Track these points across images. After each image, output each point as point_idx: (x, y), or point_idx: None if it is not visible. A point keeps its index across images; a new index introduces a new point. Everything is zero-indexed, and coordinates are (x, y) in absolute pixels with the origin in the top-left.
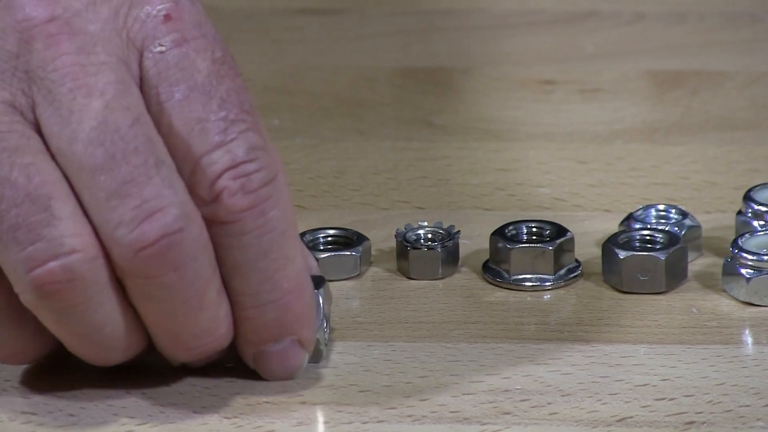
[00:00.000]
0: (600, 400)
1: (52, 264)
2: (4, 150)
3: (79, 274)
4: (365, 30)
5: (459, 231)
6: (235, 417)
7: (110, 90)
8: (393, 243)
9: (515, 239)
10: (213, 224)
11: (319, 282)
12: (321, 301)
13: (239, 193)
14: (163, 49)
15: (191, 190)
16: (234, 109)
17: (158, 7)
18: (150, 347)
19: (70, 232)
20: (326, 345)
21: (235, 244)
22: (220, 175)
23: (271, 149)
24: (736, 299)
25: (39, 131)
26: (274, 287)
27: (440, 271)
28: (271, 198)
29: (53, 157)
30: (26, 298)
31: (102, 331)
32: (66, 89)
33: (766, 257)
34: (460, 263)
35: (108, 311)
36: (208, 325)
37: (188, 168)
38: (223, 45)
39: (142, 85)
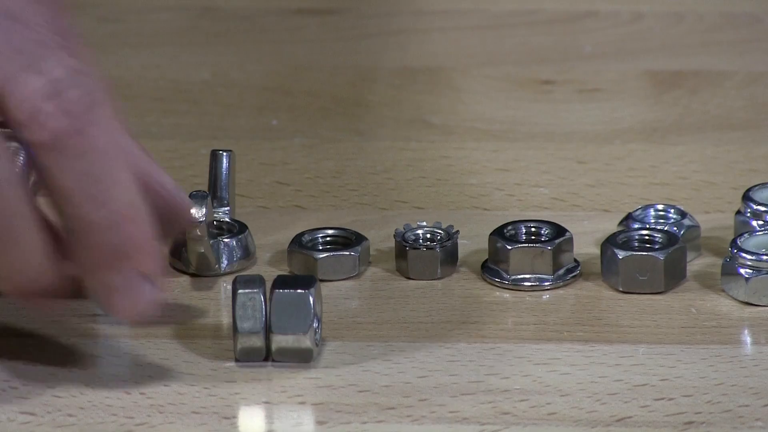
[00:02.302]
0: (599, 400)
1: None
2: None
3: None
4: (364, 30)
5: (458, 231)
6: (234, 417)
7: None
8: (392, 243)
9: (514, 239)
10: (37, 147)
11: (309, 281)
12: (311, 300)
13: (58, 114)
14: None
15: (7, 113)
16: (45, 32)
17: None
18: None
19: None
20: (318, 344)
21: (60, 168)
22: (36, 97)
23: (93, 74)
24: (735, 299)
25: None
26: (102, 207)
27: (439, 271)
28: (92, 119)
29: None
30: None
31: None
32: None
33: (765, 257)
34: (458, 263)
35: None
36: (22, 259)
37: (5, 92)
38: None
39: None
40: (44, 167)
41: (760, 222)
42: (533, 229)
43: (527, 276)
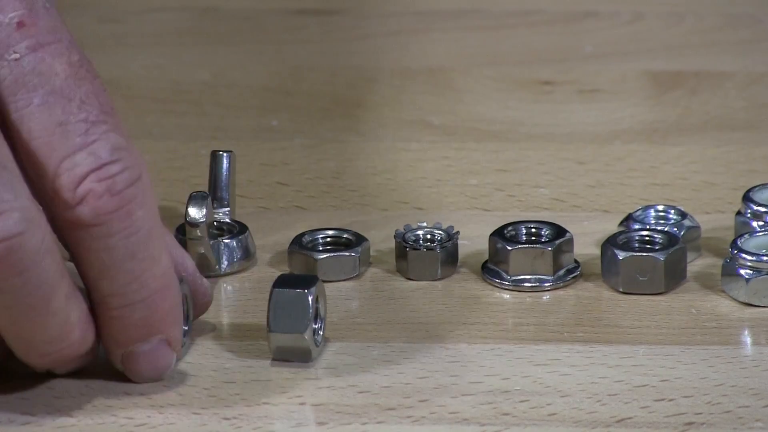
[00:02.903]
0: (599, 400)
1: None
2: None
3: None
4: (364, 30)
5: (458, 232)
6: (234, 418)
7: None
8: (392, 244)
9: (514, 240)
10: (77, 227)
11: (310, 281)
12: (310, 300)
13: (105, 195)
14: (18, 56)
15: (55, 194)
16: (94, 111)
17: (10, 15)
18: (9, 353)
19: None
20: (319, 345)
21: (102, 247)
22: (84, 177)
23: (133, 149)
24: (736, 300)
25: None
26: (141, 287)
27: (439, 271)
28: (136, 198)
29: None
30: None
31: None
32: None
33: (765, 258)
34: (459, 264)
35: None
36: (59, 331)
37: (50, 172)
38: (79, 49)
39: (1, 92)
40: (83, 245)
41: (761, 223)
42: (533, 230)
43: (527, 277)
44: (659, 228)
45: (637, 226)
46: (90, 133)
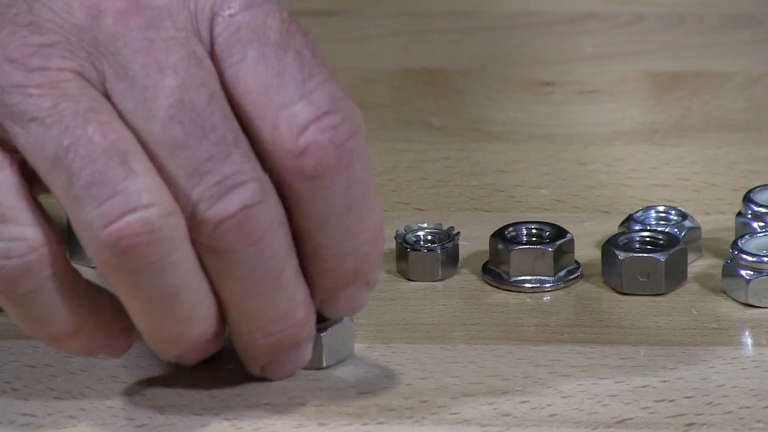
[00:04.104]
0: (600, 401)
1: (130, 217)
2: (77, 111)
3: (157, 227)
4: (365, 31)
5: (458, 232)
6: (235, 419)
7: (182, 65)
8: (392, 244)
9: (515, 241)
10: (298, 179)
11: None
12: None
13: (328, 146)
14: (233, 11)
15: (274, 146)
16: (310, 62)
17: None
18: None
19: (148, 186)
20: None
21: (321, 199)
22: (305, 127)
23: (349, 101)
24: (736, 301)
25: (110, 102)
26: (356, 238)
27: (440, 272)
28: (356, 150)
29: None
30: (102, 258)
31: (177, 297)
32: (138, 65)
33: (765, 258)
34: (459, 265)
35: (183, 273)
36: (286, 307)
37: (269, 122)
38: (286, 9)
39: (216, 48)
40: (301, 196)
41: (761, 223)
42: (534, 231)
43: (528, 277)
44: (660, 229)
45: (637, 227)
46: (307, 84)
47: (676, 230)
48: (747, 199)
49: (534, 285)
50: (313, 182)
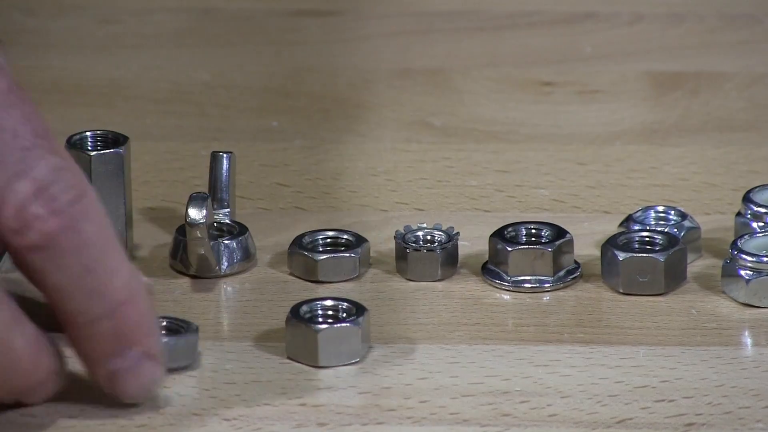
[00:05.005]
0: (600, 401)
1: None
2: None
3: None
4: (364, 31)
5: (458, 232)
6: (234, 419)
7: None
8: (392, 245)
9: (514, 241)
10: (29, 252)
11: (360, 310)
12: (360, 332)
13: (49, 216)
14: None
15: (2, 226)
16: (28, 136)
17: None
18: None
19: None
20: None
21: (56, 267)
22: (26, 203)
23: (74, 168)
24: (736, 301)
25: None
26: (104, 300)
27: (439, 272)
28: (82, 215)
29: None
30: None
31: None
32: None
33: (765, 259)
34: (459, 265)
35: None
36: (18, 366)
37: None
38: (7, 73)
39: None
40: (37, 268)
41: (761, 224)
42: (533, 231)
43: (528, 277)
44: (659, 229)
45: (637, 227)
46: (26, 159)
47: (675, 230)
48: (746, 199)
49: (533, 285)
50: (43, 253)
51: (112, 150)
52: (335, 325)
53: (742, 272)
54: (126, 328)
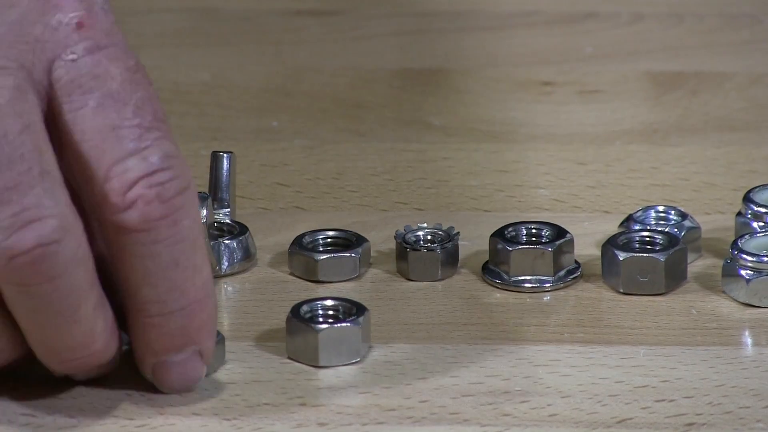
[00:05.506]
0: (600, 401)
1: None
2: None
3: None
4: (364, 31)
5: (458, 232)
6: (234, 419)
7: (5, 94)
8: (392, 244)
9: (515, 240)
10: (124, 232)
11: (360, 310)
12: (360, 332)
13: (154, 201)
14: (75, 56)
15: (103, 198)
16: (148, 117)
17: (70, 15)
18: (30, 356)
19: None
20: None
21: (147, 253)
22: (135, 182)
23: (182, 159)
24: (736, 300)
25: None
26: (182, 295)
27: (440, 272)
28: (183, 207)
29: None
30: None
31: None
32: None
33: (765, 258)
34: (459, 265)
35: None
36: (82, 339)
37: (101, 175)
38: (134, 53)
39: (55, 93)
40: (126, 249)
41: (761, 223)
42: (534, 231)
43: (528, 277)
44: (660, 229)
45: (637, 227)
46: (143, 139)
47: (675, 230)
48: (747, 199)
49: (534, 285)
50: (138, 236)
51: None
52: (335, 325)
53: (743, 272)
54: (193, 326)
